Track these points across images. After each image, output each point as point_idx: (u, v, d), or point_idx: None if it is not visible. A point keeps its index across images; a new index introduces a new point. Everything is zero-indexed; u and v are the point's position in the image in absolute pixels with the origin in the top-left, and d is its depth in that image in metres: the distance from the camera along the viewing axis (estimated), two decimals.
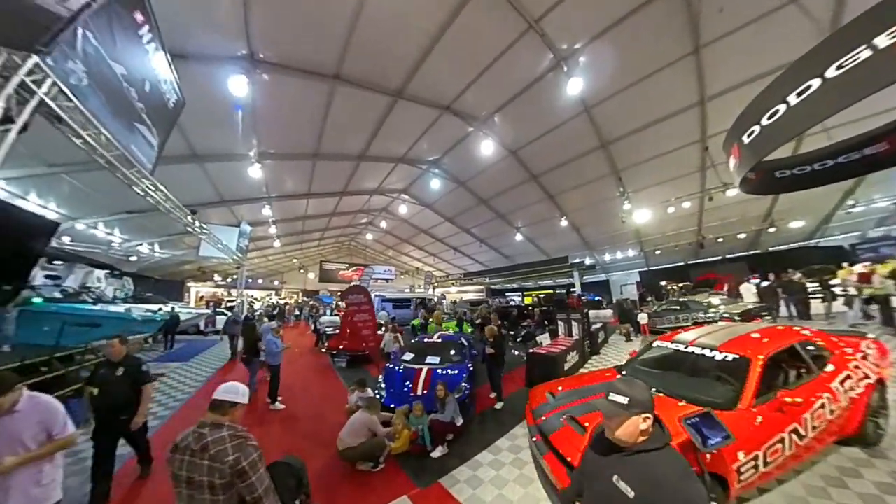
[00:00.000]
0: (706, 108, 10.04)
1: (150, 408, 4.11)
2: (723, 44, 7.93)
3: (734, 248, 19.09)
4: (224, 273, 27.31)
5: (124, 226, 12.53)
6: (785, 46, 7.38)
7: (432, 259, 27.76)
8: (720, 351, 3.60)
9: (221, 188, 11.98)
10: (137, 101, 4.64)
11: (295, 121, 9.58)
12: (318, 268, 30.46)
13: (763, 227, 17.32)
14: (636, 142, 11.86)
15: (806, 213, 16.77)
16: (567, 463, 2.81)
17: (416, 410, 4.62)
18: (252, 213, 14.79)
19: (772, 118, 3.74)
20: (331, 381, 8.09)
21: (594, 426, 2.15)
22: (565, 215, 17.58)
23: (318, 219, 19.77)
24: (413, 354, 6.64)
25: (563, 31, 7.61)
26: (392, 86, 9.04)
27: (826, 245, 18.01)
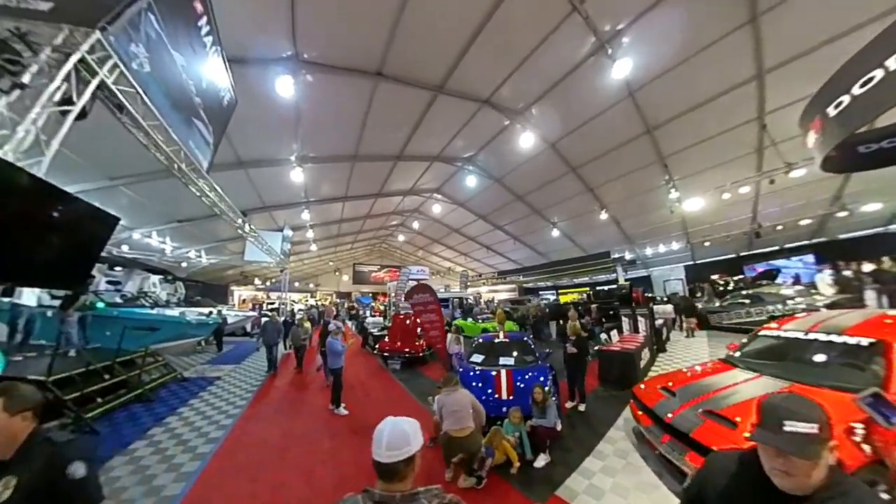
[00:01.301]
0: (764, 81, 8.89)
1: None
2: (784, 7, 6.88)
3: (796, 235, 17.19)
4: (264, 277, 27.98)
5: (175, 234, 12.79)
6: (859, 5, 6.52)
7: (463, 258, 27.17)
8: (850, 335, 3.41)
9: (263, 194, 11.95)
10: (195, 96, 4.36)
11: (336, 122, 9.30)
12: (351, 270, 30.64)
13: (831, 211, 15.24)
14: (684, 125, 10.74)
15: (884, 195, 14.70)
16: None
17: (514, 417, 4.07)
18: (291, 218, 14.79)
19: (865, 86, 3.24)
20: (389, 384, 7.67)
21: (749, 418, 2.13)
22: (605, 208, 16.44)
23: (353, 222, 19.72)
24: (483, 356, 6.01)
25: (607, 10, 6.96)
26: (433, 80, 8.60)
27: None
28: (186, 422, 5.37)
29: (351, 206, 16.45)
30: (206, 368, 9.20)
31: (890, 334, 3.22)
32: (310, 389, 7.46)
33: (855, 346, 3.33)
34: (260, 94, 7.04)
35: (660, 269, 20.55)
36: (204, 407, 6.09)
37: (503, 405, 4.60)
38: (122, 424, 5.22)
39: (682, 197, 13.45)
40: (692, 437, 2.96)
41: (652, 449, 3.68)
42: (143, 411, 5.72)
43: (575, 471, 3.63)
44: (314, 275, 33.24)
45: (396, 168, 13.19)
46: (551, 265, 20.66)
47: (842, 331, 3.55)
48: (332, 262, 29.48)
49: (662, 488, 3.24)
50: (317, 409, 5.95)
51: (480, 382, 5.22)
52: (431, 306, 7.43)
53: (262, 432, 5.01)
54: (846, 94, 3.52)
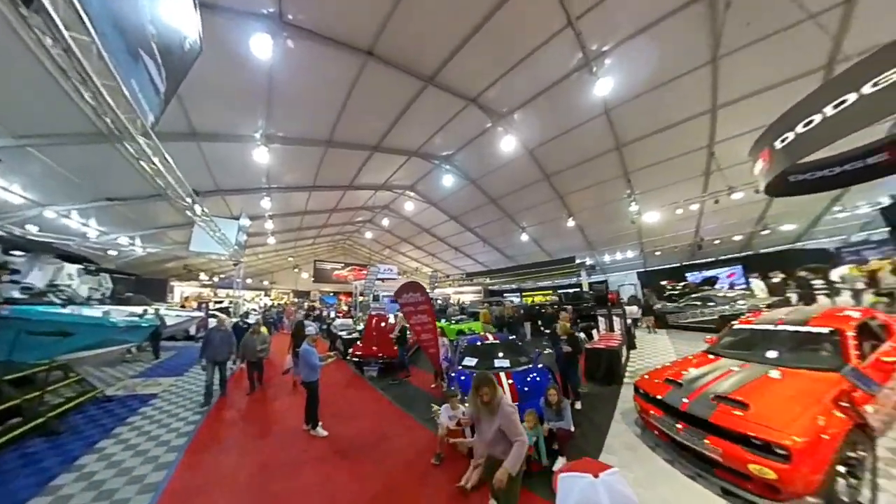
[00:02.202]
0: (716, 115, 9.97)
1: None
2: (740, 55, 7.80)
3: (729, 249, 18.95)
4: (211, 271, 24.83)
5: (103, 215, 10.49)
6: (797, 59, 7.76)
7: (431, 259, 26.34)
8: (812, 326, 4.13)
9: (218, 174, 10.22)
10: (150, 23, 3.10)
11: (313, 100, 8.08)
12: (311, 267, 28.25)
13: (757, 229, 17.20)
14: (648, 145, 11.60)
15: (797, 218, 16.77)
16: (742, 438, 2.87)
17: (529, 421, 3.65)
18: (249, 206, 12.94)
19: (807, 126, 3.85)
20: (369, 394, 6.70)
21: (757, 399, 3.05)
22: (572, 216, 16.82)
23: (318, 215, 18.01)
24: (475, 359, 5.44)
25: (597, 31, 7.24)
26: (424, 71, 7.93)
27: (811, 248, 18.14)
28: (110, 461, 3.94)
29: (317, 198, 14.91)
30: (138, 383, 7.43)
31: (841, 324, 3.97)
32: (276, 404, 6.26)
33: (818, 334, 4.00)
34: (228, 51, 5.74)
35: (616, 274, 21.52)
36: (136, 437, 4.62)
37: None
38: (9, 474, 3.63)
39: (642, 210, 14.13)
40: (711, 421, 3.11)
41: (662, 438, 3.81)
42: (45, 450, 4.16)
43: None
44: (270, 271, 30.35)
45: (372, 160, 12.08)
46: (519, 268, 20.65)
47: (805, 322, 4.25)
48: (291, 257, 27.00)
49: (678, 475, 3.35)
50: (289, 432, 4.84)
51: None
52: (423, 307, 6.40)
53: (221, 469, 3.83)
54: (791, 131, 4.11)
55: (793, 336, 4.18)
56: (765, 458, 2.69)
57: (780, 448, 2.64)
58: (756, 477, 2.72)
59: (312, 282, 28.92)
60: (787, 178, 5.16)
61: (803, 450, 2.60)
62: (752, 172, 5.56)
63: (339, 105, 8.38)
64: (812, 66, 7.88)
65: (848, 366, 3.30)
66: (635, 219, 14.64)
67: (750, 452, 2.78)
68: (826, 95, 3.65)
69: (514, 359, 5.47)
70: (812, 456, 2.63)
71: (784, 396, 3.20)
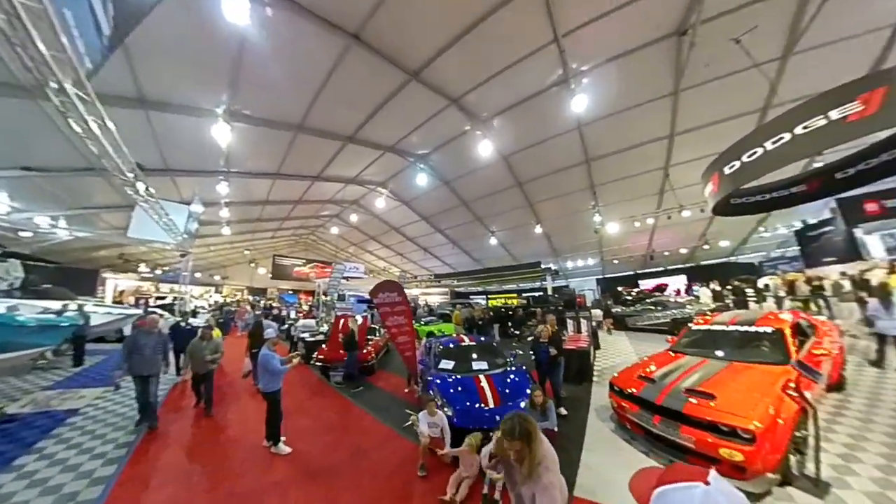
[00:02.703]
0: (674, 141, 10.94)
1: None
2: (696, 91, 8.68)
3: (675, 260, 20.53)
4: (153, 263, 22.14)
5: (17, 188, 8.75)
6: (741, 100, 9.00)
7: (399, 259, 25.63)
8: (758, 326, 4.70)
9: (168, 151, 8.97)
10: None
11: (288, 79, 7.33)
12: (269, 263, 26.20)
13: (699, 244, 18.84)
14: (614, 162, 12.41)
15: (731, 236, 18.66)
16: (714, 426, 3.17)
17: None
18: (202, 190, 11.51)
19: (751, 157, 4.42)
20: (336, 402, 6.09)
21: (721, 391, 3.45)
22: (540, 223, 17.31)
23: (280, 206, 16.63)
24: (452, 362, 5.14)
25: (579, 51, 7.49)
26: (411, 64, 7.60)
27: (741, 262, 20.27)
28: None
29: (282, 187, 13.74)
30: (52, 396, 6.02)
31: (780, 324, 4.59)
32: (231, 418, 5.41)
33: (763, 333, 4.55)
34: (197, 7, 4.93)
35: (577, 280, 22.39)
36: (46, 468, 3.61)
37: (492, 415, 3.96)
38: None
39: (604, 221, 14.96)
40: (684, 412, 3.41)
41: (637, 431, 4.04)
42: None
43: (579, 467, 3.60)
44: (223, 265, 27.76)
45: (344, 151, 11.37)
46: (488, 271, 20.73)
47: (752, 323, 4.81)
48: (247, 250, 24.84)
49: (654, 464, 3.43)
50: (248, 451, 4.14)
51: (460, 391, 4.43)
52: (400, 307, 5.88)
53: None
54: (738, 160, 4.63)
55: (743, 335, 4.71)
56: (733, 442, 3.00)
57: (745, 433, 2.97)
58: (725, 460, 2.99)
59: (270, 278, 26.84)
60: (730, 200, 5.80)
61: (764, 433, 2.94)
62: (703, 194, 6.05)
63: (316, 88, 7.71)
64: (752, 108, 9.22)
65: (793, 360, 3.92)
66: (599, 229, 15.42)
67: (720, 438, 3.09)
68: (767, 132, 4.23)
69: (492, 361, 5.28)
70: (771, 438, 2.99)
71: (743, 387, 3.57)
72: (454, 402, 4.18)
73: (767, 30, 6.78)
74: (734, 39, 6.82)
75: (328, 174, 13.41)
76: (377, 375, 7.77)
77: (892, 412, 4.33)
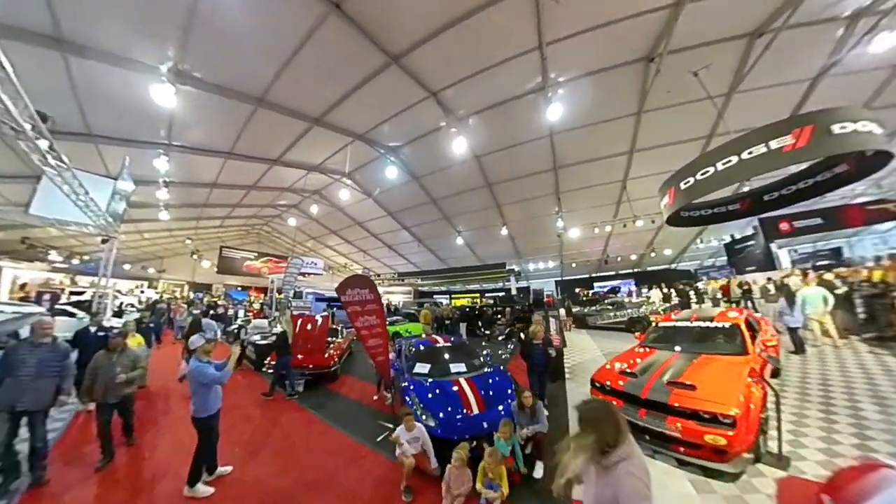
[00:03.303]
0: (633, 157, 11.91)
1: None
2: (656, 114, 9.51)
3: (626, 265, 22.01)
4: (68, 251, 18.80)
5: None
6: (691, 127, 10.16)
7: (361, 255, 24.43)
8: (717, 322, 5.14)
9: (91, 110, 7.45)
10: None
11: (253, 42, 6.43)
12: (216, 255, 23.51)
13: (647, 251, 20.40)
14: (579, 171, 12.88)
15: (674, 245, 20.45)
16: (696, 414, 3.32)
17: (505, 431, 3.29)
18: (135, 165, 9.74)
19: (704, 175, 4.98)
20: (295, 415, 5.26)
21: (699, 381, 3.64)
22: (506, 224, 17.52)
23: (231, 190, 14.92)
24: (428, 365, 4.69)
25: (559, 61, 7.66)
26: (393, 47, 7.12)
27: (681, 268, 22.31)
28: None
29: (234, 169, 12.25)
30: None
31: (736, 320, 5.03)
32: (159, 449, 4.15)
33: (723, 327, 4.95)
34: None
35: (537, 281, 23.05)
36: None
37: (478, 422, 3.63)
38: None
39: (566, 226, 15.70)
40: (670, 403, 3.52)
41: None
42: None
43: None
44: (159, 256, 24.46)
45: (310, 134, 10.43)
46: (453, 271, 20.52)
47: (712, 319, 5.21)
48: (189, 240, 22.08)
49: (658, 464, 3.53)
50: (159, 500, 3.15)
51: (441, 398, 4.00)
52: (371, 306, 5.11)
53: None
54: (692, 177, 5.15)
55: (706, 330, 5.11)
56: (716, 428, 3.18)
57: (726, 418, 3.17)
58: (708, 445, 3.18)
59: (216, 273, 24.13)
60: (681, 212, 6.38)
61: (742, 417, 3.17)
62: (660, 206, 6.57)
63: (285, 57, 6.87)
64: (699, 135, 10.52)
65: (755, 351, 4.42)
66: (561, 233, 16.03)
67: (704, 426, 3.24)
68: (718, 155, 4.82)
69: (469, 362, 4.94)
70: (747, 421, 3.23)
71: (717, 377, 3.78)
72: (435, 410, 3.77)
73: (718, 69, 7.70)
74: (693, 72, 7.64)
75: (289, 159, 12.27)
76: (340, 381, 7.02)
77: (820, 392, 5.10)
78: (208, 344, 3.43)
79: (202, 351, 3.38)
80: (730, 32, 7.13)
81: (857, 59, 7.43)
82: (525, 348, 5.06)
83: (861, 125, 3.87)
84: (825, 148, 3.95)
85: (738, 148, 4.49)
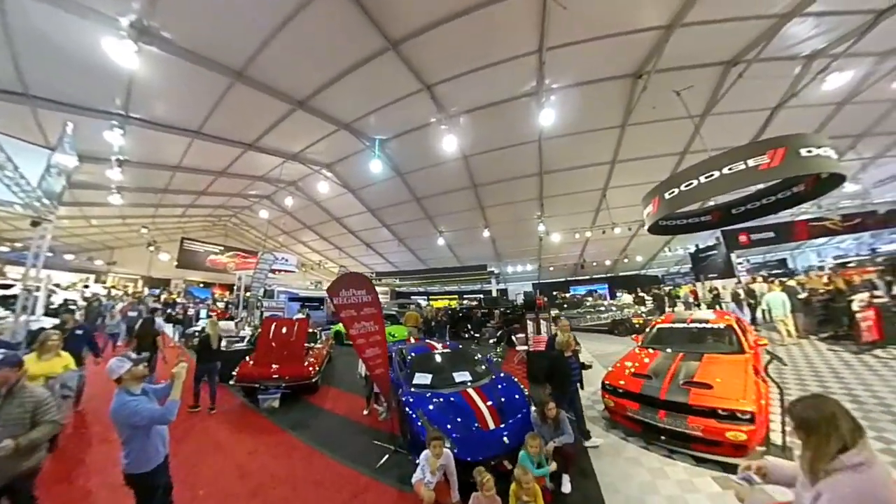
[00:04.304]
0: (614, 167, 12.39)
1: None
2: (638, 128, 9.91)
3: (599, 270, 22.66)
4: None
5: None
6: (668, 143, 10.89)
7: (336, 253, 23.25)
8: (712, 323, 5.25)
9: (31, 64, 6.28)
10: None
11: (235, 5, 5.68)
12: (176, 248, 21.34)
13: (620, 257, 21.13)
14: (563, 178, 13.09)
15: (644, 252, 21.36)
16: (715, 413, 3.36)
17: (533, 445, 2.90)
18: (82, 136, 8.33)
19: (687, 187, 5.26)
20: (274, 439, 4.43)
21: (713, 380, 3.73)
22: (489, 227, 17.39)
23: (197, 176, 13.51)
24: (429, 374, 4.25)
25: (556, 67, 7.65)
26: (393, 32, 6.63)
27: (649, 274, 23.34)
28: None
29: (202, 151, 11.03)
30: None
31: (729, 321, 5.19)
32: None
33: (720, 328, 5.07)
34: None
35: (514, 284, 23.12)
36: None
37: (497, 438, 3.22)
38: None
39: (548, 230, 15.99)
40: (690, 403, 3.53)
41: (633, 427, 4.04)
42: None
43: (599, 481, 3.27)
44: (109, 246, 21.86)
45: (291, 118, 9.61)
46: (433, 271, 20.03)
47: (707, 321, 5.35)
48: (145, 228, 19.89)
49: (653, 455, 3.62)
50: None
51: (451, 413, 3.54)
52: (368, 310, 4.29)
53: None
54: (676, 188, 5.43)
55: (704, 331, 5.22)
56: (736, 425, 3.23)
57: (745, 414, 3.24)
58: (728, 441, 3.22)
59: (176, 267, 21.91)
60: (659, 222, 6.75)
61: (759, 412, 3.27)
62: (642, 214, 6.87)
63: (274, 26, 6.14)
64: (674, 151, 11.33)
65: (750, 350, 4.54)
66: (543, 237, 16.17)
67: (724, 423, 3.28)
68: (702, 169, 5.13)
69: (473, 370, 4.48)
70: (761, 416, 3.33)
71: (727, 375, 3.82)
72: (449, 428, 3.30)
73: (697, 92, 8.20)
74: (676, 91, 8.03)
75: (265, 144, 11.30)
76: (321, 393, 6.23)
77: (797, 383, 5.64)
78: (137, 367, 2.37)
79: (131, 378, 2.31)
80: (709, 59, 7.62)
81: (811, 94, 8.37)
82: (556, 362, 4.34)
83: (823, 150, 4.37)
84: (794, 168, 4.38)
85: (720, 164, 4.86)
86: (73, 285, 19.11)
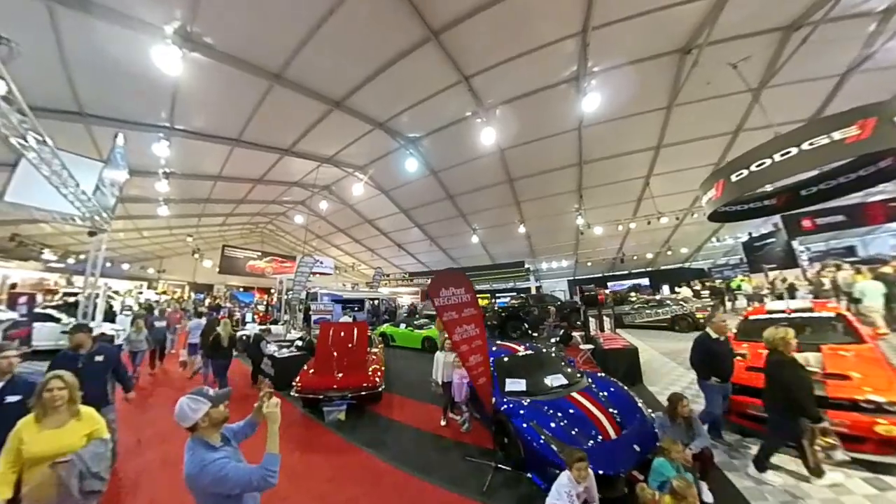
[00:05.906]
0: (659, 153, 11.30)
1: None
2: (686, 108, 8.97)
3: (639, 265, 21.20)
4: (63, 249, 17.37)
5: None
6: (719, 123, 9.71)
7: (368, 255, 23.24)
8: (816, 311, 4.80)
9: (84, 83, 6.25)
10: None
11: (277, 3, 5.31)
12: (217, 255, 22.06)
13: (663, 249, 19.59)
14: (605, 167, 12.14)
15: (689, 244, 19.66)
16: (857, 406, 3.12)
17: (676, 450, 2.44)
18: (131, 150, 8.28)
19: (759, 166, 4.63)
20: (347, 460, 3.88)
21: (847, 371, 3.41)
22: (524, 222, 16.54)
23: (237, 184, 13.67)
24: (522, 380, 3.77)
25: (600, 48, 7.04)
26: (436, 20, 6.15)
27: (694, 267, 21.55)
28: None
29: (241, 159, 11.01)
30: None
31: (836, 310, 4.80)
32: None
33: (830, 318, 4.60)
34: None
35: (548, 281, 22.12)
36: None
37: (627, 447, 2.77)
38: None
39: (588, 223, 14.88)
40: (830, 397, 3.20)
41: (755, 427, 3.62)
42: None
43: (739, 488, 2.87)
44: (159, 255, 23.02)
45: (328, 119, 9.29)
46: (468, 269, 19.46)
47: (810, 310, 4.87)
48: (189, 237, 20.70)
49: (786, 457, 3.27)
50: None
51: (567, 422, 3.05)
52: (469, 310, 3.67)
53: None
54: (746, 168, 4.82)
55: (811, 321, 4.64)
56: (888, 417, 2.89)
57: (895, 405, 2.91)
58: (876, 437, 2.92)
59: (218, 273, 22.74)
60: (718, 209, 6.04)
61: None
62: (701, 200, 6.30)
63: (312, 23, 5.78)
64: (725, 130, 10.13)
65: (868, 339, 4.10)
66: (584, 230, 15.17)
67: (872, 417, 2.96)
68: (776, 146, 4.48)
69: (565, 372, 3.98)
70: None
71: (861, 365, 3.47)
72: (571, 440, 2.80)
73: (752, 63, 7.22)
74: (732, 64, 7.09)
75: (301, 149, 11.13)
76: (385, 401, 5.70)
77: None
78: (217, 408, 1.64)
79: (210, 426, 1.62)
80: (766, 25, 6.68)
81: (888, 55, 7.13)
82: (710, 350, 3.66)
83: None
84: (888, 139, 3.76)
85: (799, 138, 4.27)
86: (129, 292, 20.20)
